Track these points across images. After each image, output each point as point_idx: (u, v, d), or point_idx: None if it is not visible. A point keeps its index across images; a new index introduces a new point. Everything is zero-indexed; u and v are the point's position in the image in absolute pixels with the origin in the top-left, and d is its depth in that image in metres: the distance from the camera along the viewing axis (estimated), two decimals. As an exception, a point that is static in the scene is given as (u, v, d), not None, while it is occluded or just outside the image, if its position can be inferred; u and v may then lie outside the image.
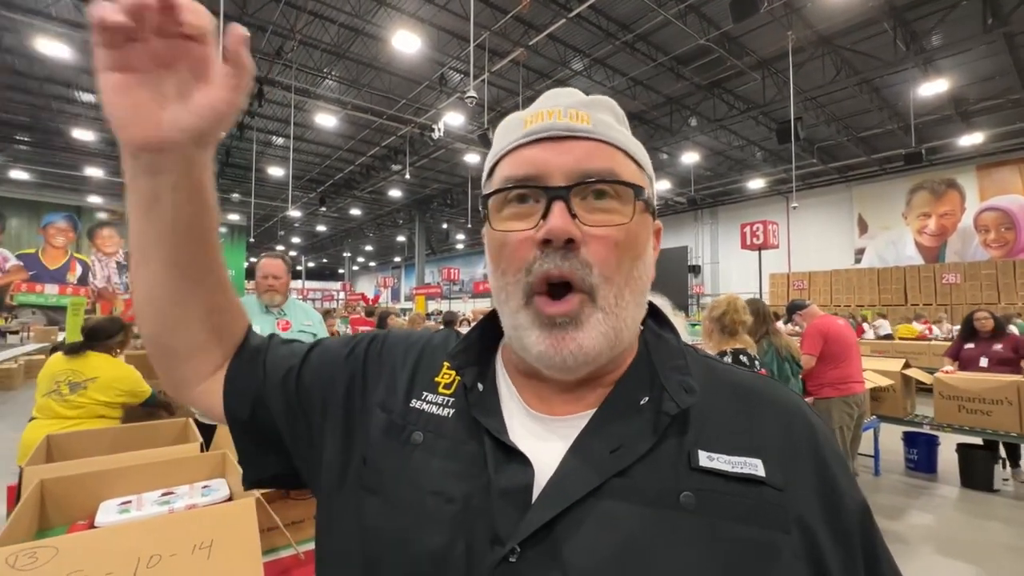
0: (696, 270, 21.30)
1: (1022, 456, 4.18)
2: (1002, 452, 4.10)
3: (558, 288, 0.41)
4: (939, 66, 10.41)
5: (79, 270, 21.01)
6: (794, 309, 4.34)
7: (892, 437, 4.78)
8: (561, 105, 0.43)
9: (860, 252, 16.68)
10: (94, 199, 21.07)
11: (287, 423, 0.51)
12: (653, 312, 0.49)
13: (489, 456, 0.40)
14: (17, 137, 15.39)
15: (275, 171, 18.21)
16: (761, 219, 19.70)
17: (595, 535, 0.36)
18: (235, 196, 20.98)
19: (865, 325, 10.58)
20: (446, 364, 0.48)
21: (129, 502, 1.19)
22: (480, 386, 0.45)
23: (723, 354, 2.45)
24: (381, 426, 0.46)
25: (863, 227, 16.76)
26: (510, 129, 0.45)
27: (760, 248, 4.99)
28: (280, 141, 16.00)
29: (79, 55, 10.71)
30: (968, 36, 9.18)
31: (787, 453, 0.40)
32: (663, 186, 18.96)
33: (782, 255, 17.17)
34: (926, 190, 15.19)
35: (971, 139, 12.66)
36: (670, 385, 0.42)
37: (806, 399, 3.26)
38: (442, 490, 0.40)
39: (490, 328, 0.50)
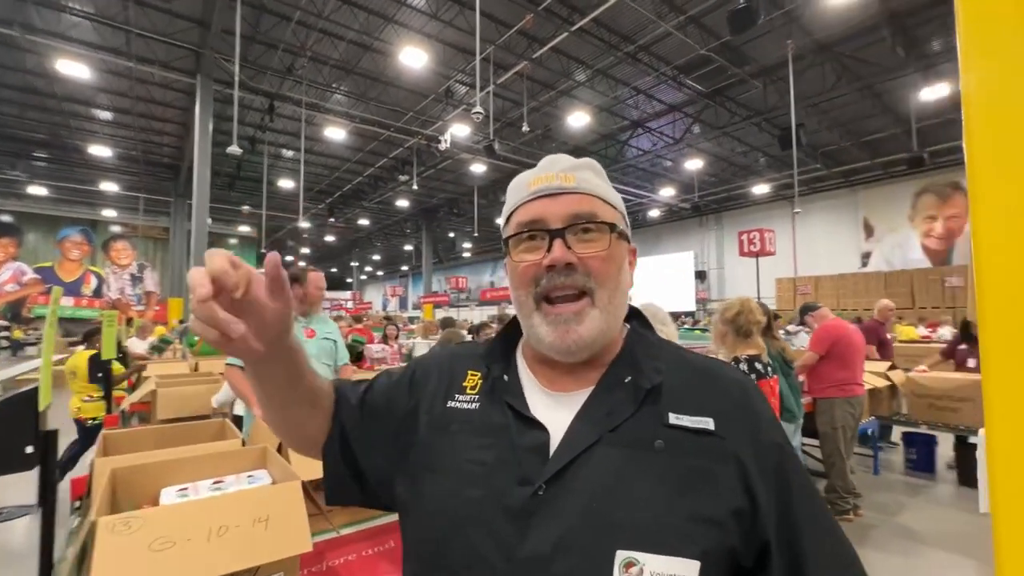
0: (702, 276, 21.36)
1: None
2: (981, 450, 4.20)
3: (565, 296, 0.57)
4: (941, 71, 10.46)
5: (94, 282, 21.46)
6: (806, 310, 4.51)
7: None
8: (554, 170, 0.60)
9: (867, 256, 16.70)
10: (109, 212, 21.56)
11: (362, 430, 0.65)
12: (638, 315, 0.66)
13: (512, 426, 0.56)
14: (35, 154, 15.86)
15: (285, 183, 18.57)
16: (766, 224, 19.57)
17: (594, 471, 0.51)
18: (246, 208, 21.38)
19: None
20: (470, 371, 0.64)
21: (186, 488, 1.34)
22: (506, 377, 0.61)
23: (737, 361, 2.32)
24: (429, 424, 0.61)
25: (869, 231, 16.79)
26: (519, 189, 0.62)
27: (757, 255, 5.11)
28: (290, 154, 16.35)
29: (97, 75, 11.10)
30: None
31: (729, 413, 0.55)
32: (667, 193, 19.08)
33: (788, 260, 17.19)
34: (932, 193, 15.14)
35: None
36: (646, 368, 0.57)
37: (805, 397, 3.40)
38: (474, 458, 0.55)
39: (511, 332, 0.67)
